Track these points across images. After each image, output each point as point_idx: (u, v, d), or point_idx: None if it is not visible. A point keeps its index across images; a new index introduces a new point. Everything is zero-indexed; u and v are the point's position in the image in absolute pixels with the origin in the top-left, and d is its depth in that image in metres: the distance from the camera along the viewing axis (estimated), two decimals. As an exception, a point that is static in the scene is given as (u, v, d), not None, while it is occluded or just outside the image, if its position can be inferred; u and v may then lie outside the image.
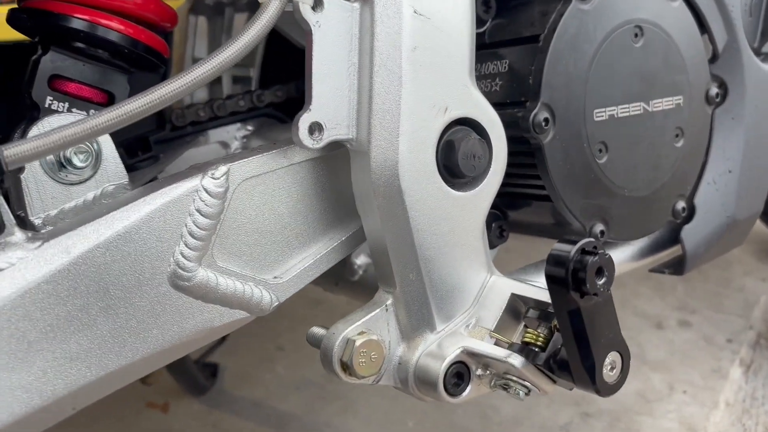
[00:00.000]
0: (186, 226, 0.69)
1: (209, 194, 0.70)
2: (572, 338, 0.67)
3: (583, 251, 0.65)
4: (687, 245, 1.03)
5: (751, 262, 2.33)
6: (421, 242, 0.75)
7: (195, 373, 1.71)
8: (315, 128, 0.72)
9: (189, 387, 1.74)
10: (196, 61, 1.18)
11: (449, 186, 0.76)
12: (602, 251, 0.65)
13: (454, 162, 0.75)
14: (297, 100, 1.17)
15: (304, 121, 0.71)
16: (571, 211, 0.90)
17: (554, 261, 0.65)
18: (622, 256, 1.06)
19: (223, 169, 0.71)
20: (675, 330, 1.99)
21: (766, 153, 1.10)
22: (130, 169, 0.99)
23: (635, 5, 0.92)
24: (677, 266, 1.05)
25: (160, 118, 1.01)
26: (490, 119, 0.78)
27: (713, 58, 1.05)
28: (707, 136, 1.04)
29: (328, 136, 0.72)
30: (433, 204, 0.76)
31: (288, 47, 1.14)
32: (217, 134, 1.10)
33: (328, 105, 0.72)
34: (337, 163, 0.79)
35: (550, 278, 0.65)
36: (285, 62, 1.15)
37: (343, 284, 1.11)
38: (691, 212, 1.04)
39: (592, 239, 0.65)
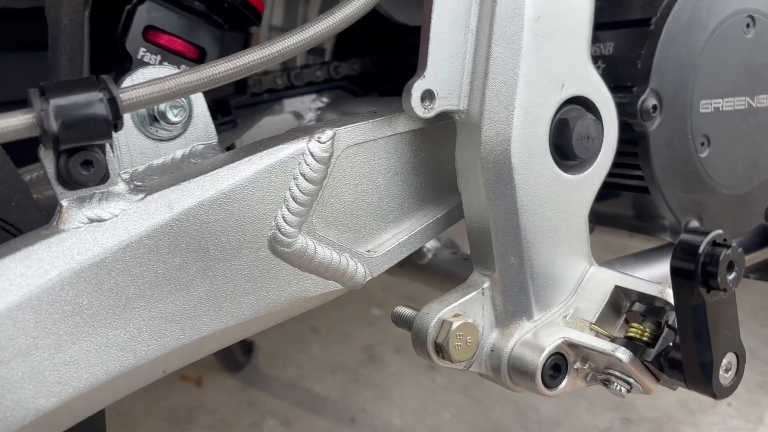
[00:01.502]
0: (290, 189, 0.66)
1: (314, 158, 0.66)
2: (692, 335, 0.63)
3: (713, 243, 0.61)
4: (777, 250, 0.99)
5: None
6: (526, 224, 0.72)
7: (232, 348, 1.68)
8: (427, 96, 0.68)
9: (224, 362, 1.71)
10: (272, 29, 1.15)
11: (559, 167, 0.73)
12: (734, 245, 0.61)
13: (568, 142, 0.71)
14: (372, 74, 1.13)
15: (418, 88, 0.67)
16: (669, 205, 0.86)
17: (683, 252, 0.61)
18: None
19: (329, 133, 0.67)
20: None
21: None
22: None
23: (749, -6, 0.88)
24: (764, 271, 1.01)
25: (241, 82, 0.98)
26: (605, 100, 0.74)
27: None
28: (805, 137, 0.99)
29: (439, 106, 0.69)
30: (543, 185, 0.72)
31: (365, 19, 1.10)
32: (291, 104, 1.06)
33: (443, 72, 0.68)
34: (438, 135, 0.75)
35: (676, 270, 0.62)
36: (362, 35, 1.11)
37: (409, 267, 1.08)
38: (784, 217, 0.99)
39: (721, 231, 0.61)
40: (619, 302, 0.75)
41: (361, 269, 0.71)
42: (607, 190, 0.91)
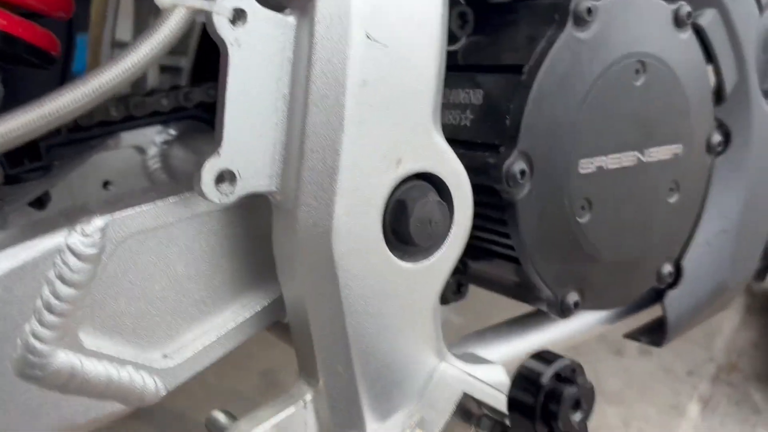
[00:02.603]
0: (41, 297, 0.52)
1: (76, 256, 0.53)
2: (533, 480, 0.52)
3: (557, 377, 0.50)
4: (669, 312, 0.90)
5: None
6: (356, 327, 0.60)
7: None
8: (226, 177, 0.55)
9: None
10: (116, 45, 0.99)
11: (397, 256, 0.60)
12: (582, 378, 0.50)
13: (405, 228, 0.59)
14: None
15: (210, 169, 0.54)
16: (542, 278, 0.75)
17: (522, 384, 0.50)
18: (591, 318, 0.92)
19: (97, 223, 0.54)
20: (635, 358, 1.89)
21: (765, 211, 0.96)
22: (13, 180, 0.80)
23: (640, 35, 0.77)
24: (656, 335, 0.91)
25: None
26: (455, 174, 0.62)
27: (718, 100, 0.90)
28: (703, 189, 0.89)
29: (242, 188, 0.55)
30: (375, 279, 0.60)
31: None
32: (131, 137, 0.91)
33: (246, 148, 0.55)
34: (257, 210, 0.62)
35: (513, 403, 0.50)
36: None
37: (273, 325, 0.95)
38: (677, 276, 0.90)
39: (569, 361, 0.50)
40: (470, 407, 0.64)
41: (151, 383, 0.58)
42: (479, 252, 0.80)
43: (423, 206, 0.59)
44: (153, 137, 0.93)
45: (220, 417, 0.63)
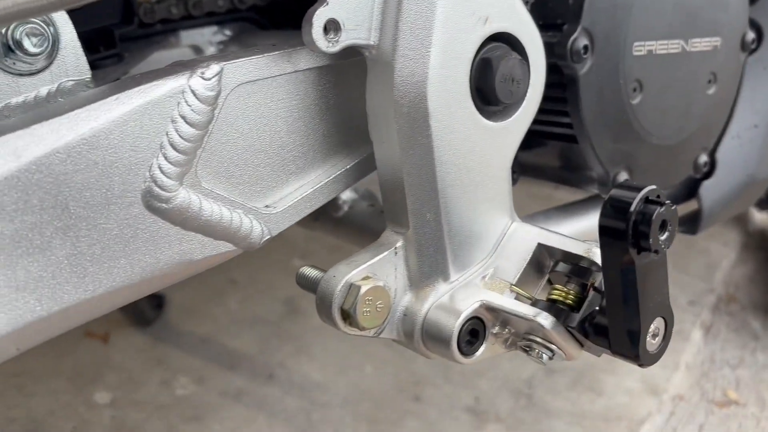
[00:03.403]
0: (167, 135, 0.56)
1: (197, 98, 0.56)
2: (620, 299, 0.58)
3: (646, 200, 0.55)
4: (704, 202, 0.96)
5: (715, 227, 2.31)
6: (444, 177, 0.64)
7: (140, 302, 1.57)
8: (331, 27, 0.59)
9: (132, 317, 1.61)
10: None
11: (480, 113, 0.65)
12: (669, 202, 0.55)
13: (490, 85, 0.63)
14: (284, 4, 1.02)
15: (320, 16, 0.58)
16: (598, 156, 0.80)
17: (613, 210, 0.55)
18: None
19: (215, 68, 0.57)
20: (639, 288, 1.96)
21: (792, 109, 1.02)
22: (91, 66, 0.83)
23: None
24: (691, 224, 0.97)
25: (128, 10, 0.85)
26: (533, 39, 0.67)
27: (753, 1, 0.95)
28: (737, 85, 0.95)
29: (345, 39, 0.60)
30: (462, 133, 0.64)
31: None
32: (189, 36, 0.94)
33: (349, 0, 0.59)
34: (347, 75, 0.66)
35: (605, 230, 0.55)
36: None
37: (325, 220, 1.00)
38: (712, 167, 0.95)
39: (654, 186, 0.55)
40: (543, 261, 0.69)
41: (258, 228, 0.62)
42: (533, 138, 0.84)
43: (507, 63, 0.64)
44: (209, 37, 0.96)
45: (311, 271, 0.67)
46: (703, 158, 0.93)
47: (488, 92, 0.64)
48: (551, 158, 0.86)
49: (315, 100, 0.65)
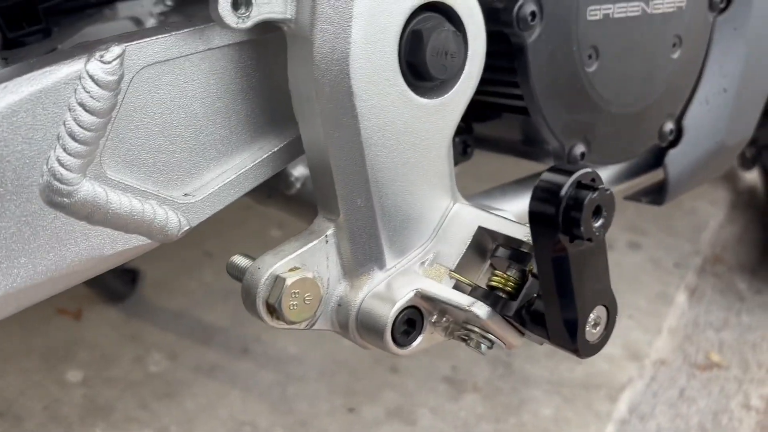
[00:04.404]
0: (65, 124, 0.52)
1: (96, 83, 0.52)
2: (554, 289, 0.54)
3: (578, 185, 0.51)
4: (671, 171, 0.91)
5: (702, 186, 2.27)
6: (374, 160, 0.60)
7: (111, 278, 1.55)
8: (241, 2, 0.54)
9: (104, 293, 1.58)
10: None
11: (412, 90, 0.61)
12: (603, 186, 0.51)
13: (421, 59, 0.59)
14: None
15: (227, -10, 0.53)
16: (551, 128, 0.76)
17: (543, 195, 0.51)
18: (596, 180, 0.93)
19: (116, 50, 0.53)
20: (624, 252, 1.93)
21: (764, 72, 0.97)
22: (11, 45, 0.79)
23: None
24: (657, 194, 0.94)
25: (52, -20, 0.80)
26: (470, 7, 0.62)
27: (722, -45, 0.90)
28: (705, 48, 0.90)
29: (257, 14, 0.55)
30: (392, 112, 0.60)
31: None
32: (127, 7, 0.89)
33: (261, -30, 0.54)
34: (271, 50, 0.62)
35: (535, 216, 0.52)
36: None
37: (277, 198, 0.96)
38: (678, 134, 0.91)
39: (590, 169, 0.51)
40: (484, 245, 0.66)
41: (174, 218, 0.58)
42: (485, 110, 0.80)
43: (438, 36, 0.59)
44: (149, 8, 0.91)
45: (241, 261, 0.64)
46: (669, 126, 0.88)
47: (420, 67, 0.60)
48: (506, 131, 0.82)
49: (235, 79, 0.61)
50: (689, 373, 1.59)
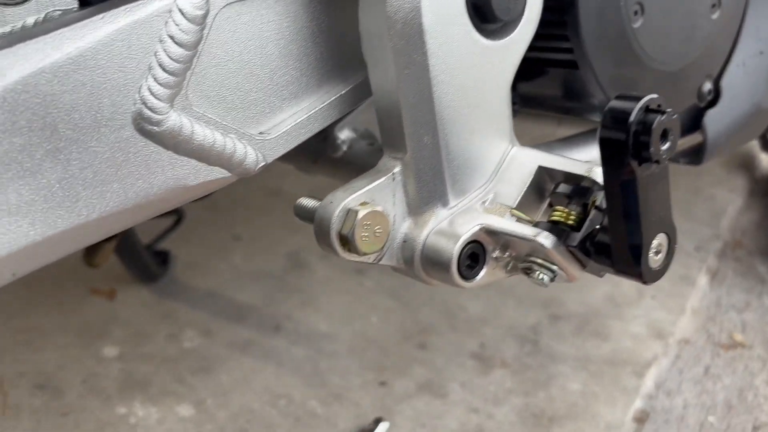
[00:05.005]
0: (156, 55, 0.54)
1: (185, 17, 0.55)
2: (621, 214, 0.57)
3: (646, 109, 0.53)
4: (709, 132, 0.94)
5: (721, 174, 2.29)
6: (441, 98, 0.63)
7: (145, 258, 1.58)
8: (318, -57, 0.57)
9: (138, 273, 1.61)
10: None
11: (478, 32, 0.63)
12: (670, 110, 0.53)
13: (487, 1, 0.62)
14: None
15: (308, -71, 0.56)
16: (599, 81, 0.78)
17: (613, 120, 0.53)
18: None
19: (202, -14, 0.56)
20: (645, 236, 1.95)
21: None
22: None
23: None
24: (695, 155, 0.96)
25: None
26: (530, -47, 0.65)
27: None
28: (742, 11, 0.92)
29: (333, -45, 0.58)
30: (459, 52, 0.63)
31: None
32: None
33: None
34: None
35: (605, 141, 0.54)
36: None
37: (323, 162, 0.99)
38: (716, 95, 0.93)
39: (655, 95, 0.54)
40: (543, 184, 0.68)
41: (252, 154, 0.61)
42: (533, 68, 0.83)
43: (503, -22, 0.62)
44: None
45: (308, 201, 0.66)
46: (708, 86, 0.91)
47: (485, 9, 0.62)
48: (552, 87, 0.85)
49: (307, 22, 0.64)
50: (713, 352, 1.60)
